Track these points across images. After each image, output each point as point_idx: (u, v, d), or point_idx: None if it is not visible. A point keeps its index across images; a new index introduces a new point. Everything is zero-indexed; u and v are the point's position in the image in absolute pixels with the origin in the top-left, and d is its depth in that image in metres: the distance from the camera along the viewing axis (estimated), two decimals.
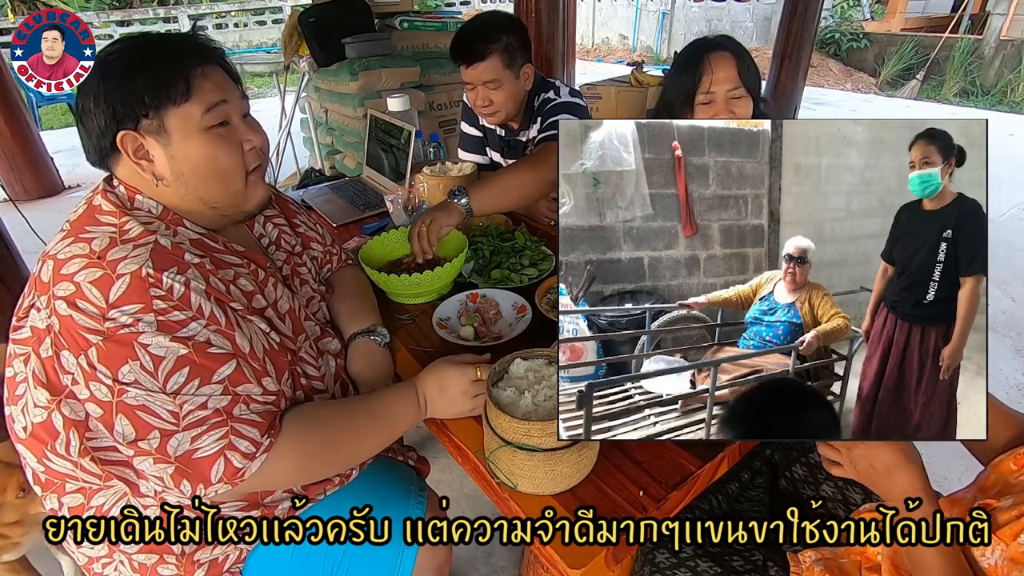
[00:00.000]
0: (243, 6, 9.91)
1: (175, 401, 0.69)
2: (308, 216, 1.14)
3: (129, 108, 0.74)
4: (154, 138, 0.76)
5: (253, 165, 0.85)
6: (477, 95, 1.59)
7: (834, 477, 0.98)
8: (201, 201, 0.81)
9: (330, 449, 0.81)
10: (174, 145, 0.76)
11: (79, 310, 0.67)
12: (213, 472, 0.71)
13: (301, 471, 0.80)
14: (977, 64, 7.29)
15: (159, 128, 0.75)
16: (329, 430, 0.81)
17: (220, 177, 0.80)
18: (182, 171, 0.78)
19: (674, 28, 9.81)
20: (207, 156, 0.78)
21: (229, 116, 0.80)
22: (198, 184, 0.79)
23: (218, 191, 0.81)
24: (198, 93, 0.76)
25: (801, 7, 4.16)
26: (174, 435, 0.69)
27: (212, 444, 0.70)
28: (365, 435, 0.84)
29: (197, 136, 0.77)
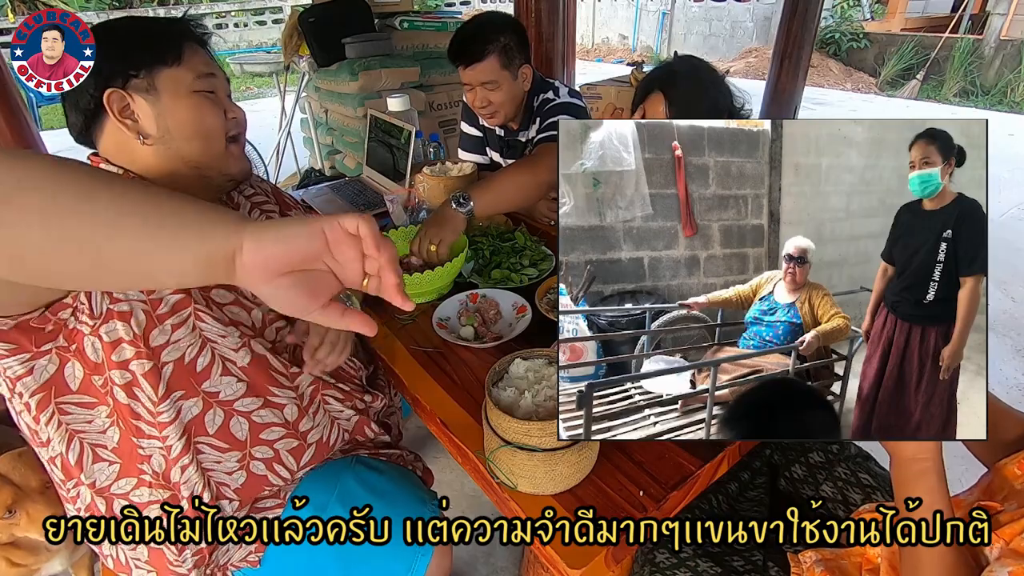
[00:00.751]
0: (243, 6, 9.90)
1: None
2: (303, 213, 1.15)
3: (119, 66, 0.77)
4: (143, 96, 0.79)
5: (233, 131, 0.89)
6: (475, 96, 1.59)
7: (834, 477, 0.98)
8: (183, 160, 0.83)
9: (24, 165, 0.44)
10: (163, 103, 0.80)
11: None
12: None
13: None
14: (977, 64, 7.28)
15: (149, 87, 0.79)
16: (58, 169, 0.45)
17: (203, 135, 0.84)
18: (168, 127, 0.81)
19: (674, 28, 9.80)
20: (193, 115, 0.82)
21: (216, 88, 0.85)
22: (181, 141, 0.82)
23: (200, 149, 0.84)
24: (188, 61, 0.81)
25: (801, 7, 4.16)
26: None
27: None
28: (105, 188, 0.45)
29: (186, 96, 0.81)
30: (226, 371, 0.84)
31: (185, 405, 0.81)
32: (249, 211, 1.01)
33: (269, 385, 0.89)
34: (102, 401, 0.78)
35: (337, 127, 3.35)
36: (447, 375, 1.01)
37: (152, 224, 0.45)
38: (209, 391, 0.83)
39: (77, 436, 0.78)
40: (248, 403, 0.86)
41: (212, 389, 0.83)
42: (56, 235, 0.43)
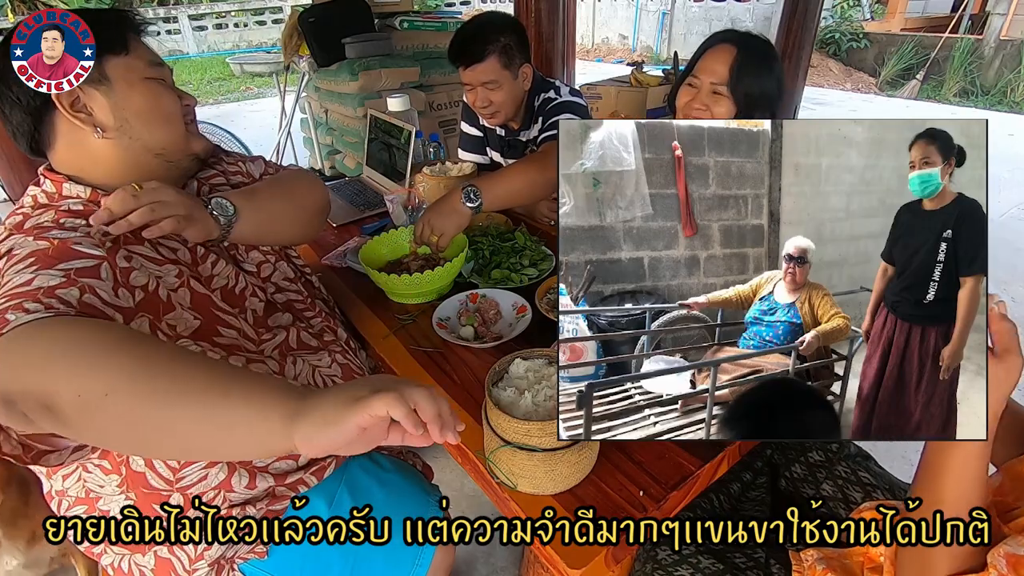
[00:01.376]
0: (243, 6, 9.91)
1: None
2: (245, 162, 1.06)
3: None
4: (94, 87, 0.76)
5: (188, 116, 0.88)
6: (476, 96, 1.59)
7: (834, 476, 0.99)
8: (146, 149, 0.82)
9: (106, 365, 0.52)
10: (116, 92, 0.78)
11: None
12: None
13: (53, 369, 0.51)
14: (977, 64, 7.28)
15: (100, 77, 0.76)
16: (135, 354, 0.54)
17: (164, 119, 0.83)
18: (126, 117, 0.79)
19: (674, 28, 9.80)
20: (151, 100, 0.81)
21: (166, 77, 0.85)
22: (142, 129, 0.80)
23: (163, 134, 0.83)
24: (136, 51, 0.80)
25: (801, 7, 4.16)
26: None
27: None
28: (178, 399, 0.51)
29: (140, 83, 0.80)
30: None
31: (211, 472, 0.82)
32: (198, 189, 0.93)
33: None
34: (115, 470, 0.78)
35: (337, 127, 3.35)
36: (447, 375, 1.01)
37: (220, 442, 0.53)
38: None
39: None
40: None
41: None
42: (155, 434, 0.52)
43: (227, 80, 8.45)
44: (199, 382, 0.52)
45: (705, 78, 1.21)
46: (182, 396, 0.51)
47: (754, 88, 1.19)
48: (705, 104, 1.21)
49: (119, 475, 0.78)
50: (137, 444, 0.57)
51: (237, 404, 0.51)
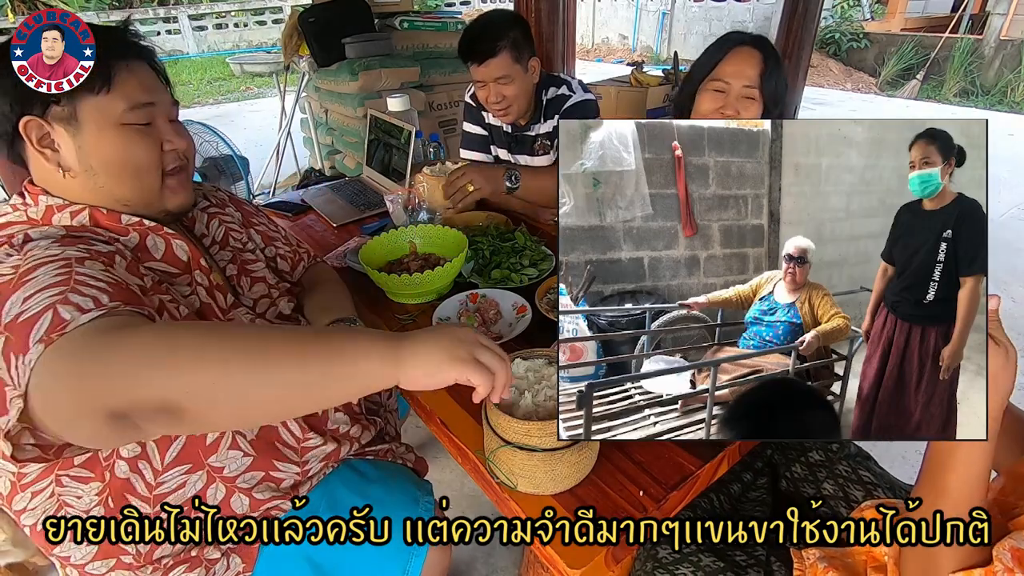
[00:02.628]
0: (243, 6, 9.91)
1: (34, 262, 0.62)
2: (268, 219, 1.12)
3: (36, 93, 0.70)
4: (63, 126, 0.72)
5: (172, 165, 0.81)
6: (489, 92, 1.61)
7: (835, 475, 0.99)
8: (112, 198, 0.77)
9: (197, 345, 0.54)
10: (84, 135, 0.73)
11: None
12: (34, 332, 0.54)
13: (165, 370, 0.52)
14: (977, 64, 7.29)
15: (70, 116, 0.72)
16: (220, 326, 0.62)
17: (132, 173, 0.77)
18: (91, 164, 0.74)
19: (674, 28, 9.80)
20: (119, 151, 0.75)
21: (153, 118, 0.78)
22: (108, 179, 0.76)
23: (130, 188, 0.77)
24: (121, 88, 0.74)
25: (801, 7, 4.16)
26: (9, 296, 0.59)
27: (44, 300, 0.57)
28: (275, 351, 0.55)
29: (111, 129, 0.74)
30: (234, 444, 0.83)
31: (190, 479, 0.80)
32: (207, 223, 0.96)
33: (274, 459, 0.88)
34: (98, 477, 0.76)
35: (337, 127, 3.35)
36: None
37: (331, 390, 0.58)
38: (214, 465, 0.82)
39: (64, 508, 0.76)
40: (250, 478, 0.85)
41: (218, 464, 0.82)
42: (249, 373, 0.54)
43: (227, 80, 8.45)
44: (293, 347, 0.56)
45: (736, 82, 1.20)
46: (283, 363, 0.54)
47: (778, 88, 1.21)
48: (736, 109, 1.21)
49: (101, 482, 0.76)
50: (256, 417, 0.64)
51: (348, 357, 0.56)
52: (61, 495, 0.75)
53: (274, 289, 1.01)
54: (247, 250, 1.01)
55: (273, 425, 0.87)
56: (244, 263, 0.98)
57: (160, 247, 0.81)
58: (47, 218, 0.75)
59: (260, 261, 1.02)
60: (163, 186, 0.81)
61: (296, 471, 0.90)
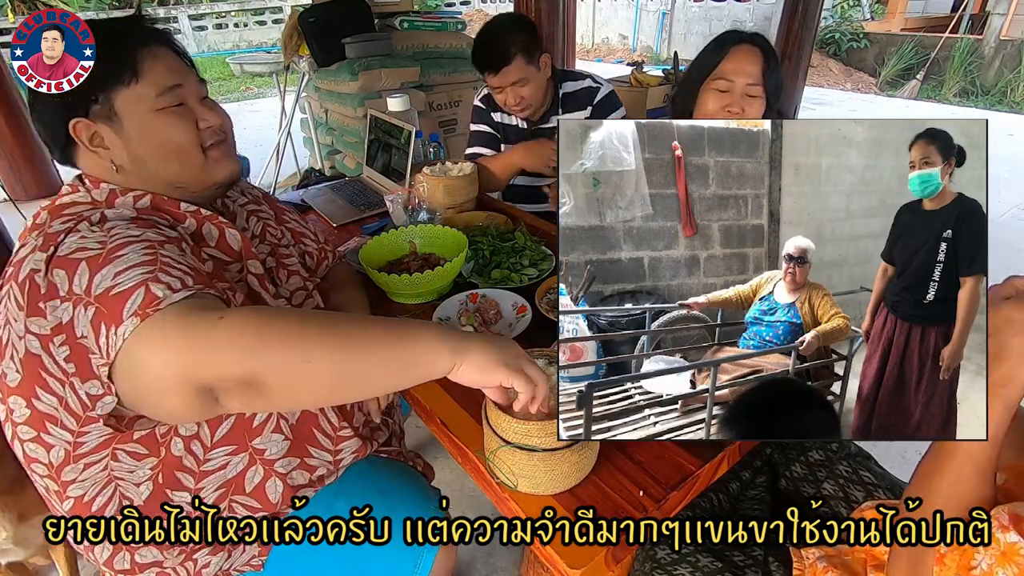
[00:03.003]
0: (243, 6, 9.91)
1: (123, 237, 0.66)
2: (299, 216, 1.15)
3: (76, 94, 0.72)
4: (106, 124, 0.75)
5: (210, 141, 0.83)
6: (507, 96, 1.67)
7: (835, 475, 0.98)
8: (165, 183, 0.80)
9: (297, 332, 0.59)
10: (125, 128, 0.75)
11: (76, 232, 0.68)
12: (127, 305, 0.58)
13: (257, 346, 0.57)
14: (977, 64, 7.28)
15: (109, 113, 0.74)
16: (309, 315, 0.66)
17: (175, 154, 0.79)
18: (137, 154, 0.77)
19: (674, 28, 9.80)
20: (159, 135, 0.77)
21: (184, 99, 0.80)
22: (156, 165, 0.78)
23: (177, 169, 0.80)
24: (148, 75, 0.75)
25: (801, 7, 4.16)
26: (99, 270, 0.62)
27: (135, 276, 0.61)
28: (359, 337, 0.61)
29: (147, 116, 0.76)
30: (277, 427, 0.85)
31: (232, 460, 0.82)
32: (247, 218, 1.00)
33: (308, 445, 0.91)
34: (154, 453, 0.78)
35: (337, 127, 3.35)
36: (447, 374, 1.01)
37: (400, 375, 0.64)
38: (257, 447, 0.84)
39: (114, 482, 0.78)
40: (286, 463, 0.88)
41: (260, 446, 0.84)
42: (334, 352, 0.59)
43: (227, 80, 8.45)
44: (373, 333, 0.62)
45: (739, 79, 1.20)
46: (365, 347, 0.60)
47: (777, 85, 1.22)
48: (741, 107, 1.21)
49: (156, 458, 0.77)
50: (329, 397, 0.67)
51: (410, 344, 0.62)
52: (114, 469, 0.77)
53: (308, 282, 1.04)
54: (282, 245, 1.04)
55: (313, 412, 0.90)
56: (281, 257, 1.01)
57: (214, 235, 0.83)
58: (110, 201, 0.77)
59: (294, 256, 1.05)
60: (206, 160, 0.83)
61: (329, 460, 0.92)
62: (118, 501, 0.78)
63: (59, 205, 0.75)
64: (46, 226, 0.70)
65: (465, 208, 1.66)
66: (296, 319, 0.60)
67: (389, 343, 0.61)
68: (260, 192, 1.09)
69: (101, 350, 0.60)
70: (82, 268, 0.63)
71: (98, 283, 0.61)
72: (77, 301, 0.62)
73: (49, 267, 0.65)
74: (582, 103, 1.74)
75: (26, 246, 0.70)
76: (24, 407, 0.71)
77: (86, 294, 0.61)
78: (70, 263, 0.64)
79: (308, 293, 1.03)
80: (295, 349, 0.57)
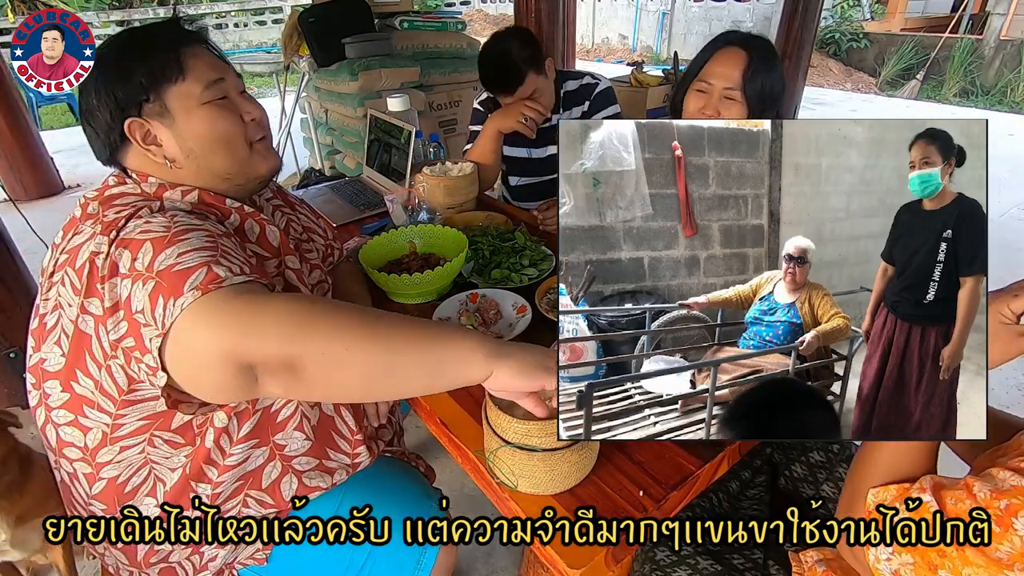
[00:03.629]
0: (243, 6, 9.90)
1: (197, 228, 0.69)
2: (309, 209, 1.17)
3: (130, 95, 0.76)
4: (159, 120, 0.78)
5: (256, 136, 0.87)
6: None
7: (835, 477, 0.99)
8: (213, 174, 0.83)
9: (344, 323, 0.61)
10: (178, 123, 0.78)
11: (137, 218, 0.71)
12: (189, 280, 0.61)
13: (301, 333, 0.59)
14: (977, 64, 7.28)
15: (162, 110, 0.78)
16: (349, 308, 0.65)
17: (224, 145, 0.82)
18: (191, 148, 0.80)
19: (674, 28, 9.80)
20: (209, 127, 0.80)
21: (227, 92, 0.83)
22: (207, 157, 0.81)
23: (226, 159, 0.83)
24: (193, 72, 0.79)
25: (801, 7, 4.16)
26: (163, 249, 0.65)
27: (198, 258, 0.65)
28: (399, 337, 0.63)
29: (197, 110, 0.79)
30: (299, 426, 0.87)
31: (254, 454, 0.84)
32: (272, 213, 1.02)
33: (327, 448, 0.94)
34: (189, 442, 0.79)
35: (337, 127, 3.35)
36: None
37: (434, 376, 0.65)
38: (278, 442, 0.86)
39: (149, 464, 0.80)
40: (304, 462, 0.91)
41: (282, 442, 0.86)
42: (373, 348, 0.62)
43: None
44: (412, 330, 0.63)
45: (718, 83, 1.20)
46: (404, 343, 0.62)
47: (764, 90, 1.19)
48: (717, 110, 1.21)
49: (192, 446, 0.79)
50: (364, 390, 0.67)
51: (447, 346, 0.63)
52: (150, 454, 0.79)
53: (324, 278, 1.07)
54: (303, 239, 1.06)
55: (331, 415, 0.92)
56: (304, 251, 1.03)
57: (256, 231, 0.86)
58: (159, 194, 0.79)
59: (313, 251, 1.07)
60: (252, 152, 0.87)
61: (347, 462, 0.94)
62: (152, 483, 0.80)
63: (109, 196, 0.77)
64: (100, 215, 0.72)
65: (465, 208, 1.66)
66: (343, 310, 0.62)
67: (429, 341, 0.63)
68: (276, 186, 1.11)
69: (156, 321, 0.61)
70: (146, 247, 0.65)
71: (161, 260, 0.63)
72: (137, 277, 0.63)
73: (111, 248, 0.67)
74: (581, 98, 1.76)
75: (80, 234, 0.72)
76: (61, 391, 0.74)
77: (147, 270, 0.63)
78: (134, 243, 0.66)
79: (329, 286, 1.06)
80: (338, 337, 0.59)
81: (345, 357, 0.59)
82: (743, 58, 1.19)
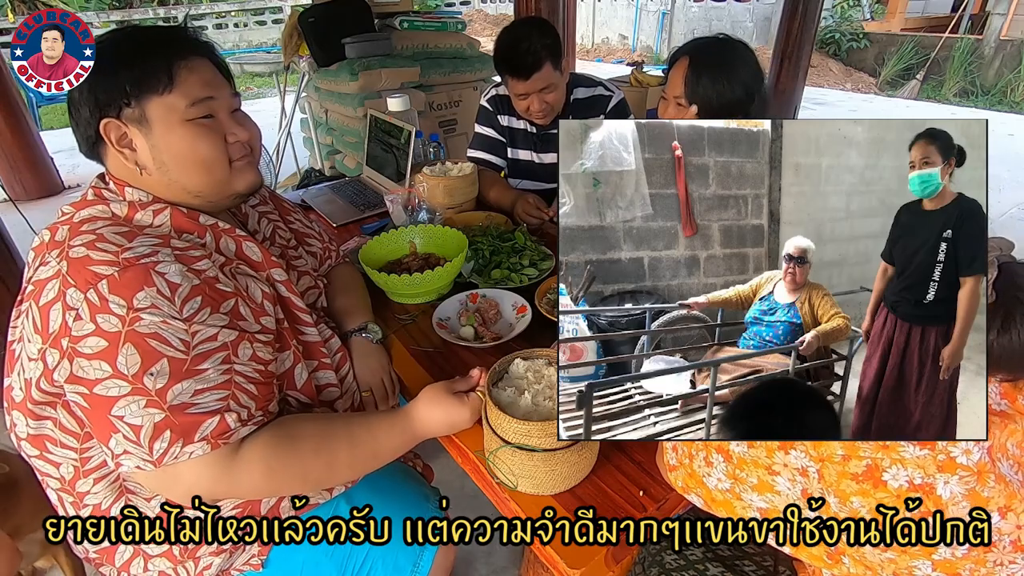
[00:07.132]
0: (243, 6, 9.89)
1: (188, 329, 0.69)
2: (304, 215, 1.15)
3: (111, 96, 0.74)
4: (136, 127, 0.75)
5: (237, 156, 0.83)
6: (532, 102, 1.61)
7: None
8: (185, 191, 0.80)
9: (299, 468, 0.76)
10: (155, 135, 0.76)
11: (97, 249, 0.69)
12: (201, 428, 0.67)
13: (266, 482, 0.74)
14: (977, 64, 7.28)
15: (140, 117, 0.75)
16: (304, 448, 0.76)
17: (200, 167, 0.79)
18: (164, 161, 0.77)
19: (674, 28, 9.80)
20: (187, 146, 0.77)
21: (215, 111, 0.80)
22: (180, 174, 0.78)
23: (200, 180, 0.80)
24: (182, 85, 0.76)
25: (801, 7, 4.16)
26: (180, 380, 0.67)
27: (213, 402, 0.69)
28: (341, 462, 0.79)
29: (178, 126, 0.76)
30: None
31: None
32: (258, 221, 1.00)
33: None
34: None
35: (337, 127, 3.35)
36: (447, 375, 1.01)
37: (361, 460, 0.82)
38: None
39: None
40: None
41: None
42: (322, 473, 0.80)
43: None
44: (353, 430, 0.81)
45: (669, 91, 1.26)
46: (351, 444, 0.80)
47: (711, 96, 1.18)
48: (672, 117, 1.24)
49: None
50: (321, 485, 0.87)
51: (379, 435, 0.82)
52: (125, 483, 0.79)
53: (319, 281, 1.06)
54: (291, 246, 1.05)
55: None
56: (291, 259, 1.02)
57: (231, 249, 0.84)
58: (130, 215, 0.77)
59: (302, 257, 1.06)
60: (231, 173, 0.83)
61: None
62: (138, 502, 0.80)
63: (79, 221, 0.74)
64: (67, 245, 0.70)
65: (465, 208, 1.66)
66: (303, 453, 0.76)
67: (370, 454, 0.81)
68: (267, 191, 1.09)
69: (154, 452, 0.66)
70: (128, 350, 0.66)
71: (176, 394, 0.67)
72: (137, 392, 0.66)
73: (84, 307, 0.66)
74: (594, 111, 1.69)
75: (46, 266, 0.70)
76: (26, 424, 0.74)
77: (159, 396, 0.66)
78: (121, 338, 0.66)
79: (321, 292, 1.05)
80: (298, 480, 0.78)
81: (300, 487, 0.81)
82: (685, 66, 1.22)
